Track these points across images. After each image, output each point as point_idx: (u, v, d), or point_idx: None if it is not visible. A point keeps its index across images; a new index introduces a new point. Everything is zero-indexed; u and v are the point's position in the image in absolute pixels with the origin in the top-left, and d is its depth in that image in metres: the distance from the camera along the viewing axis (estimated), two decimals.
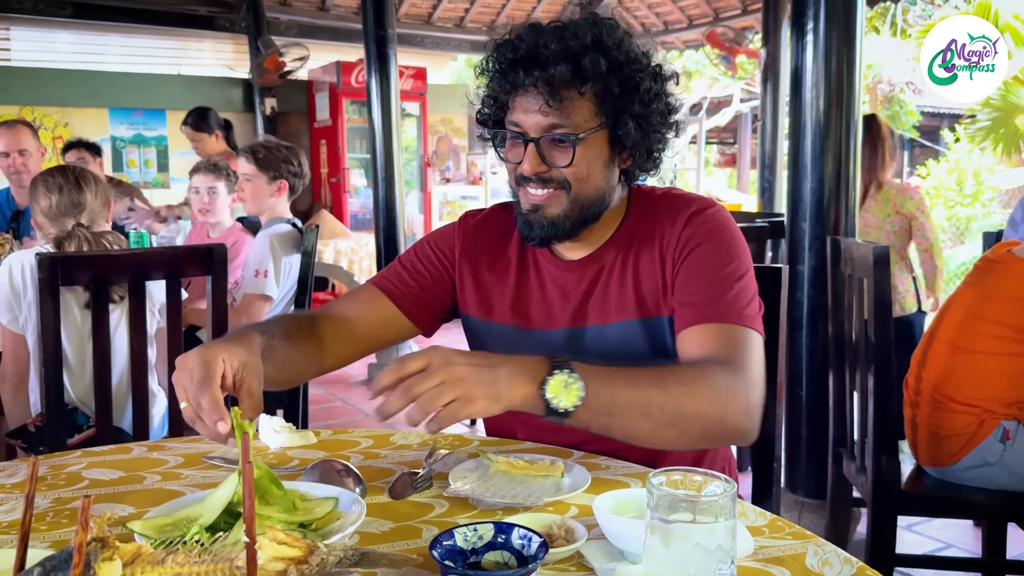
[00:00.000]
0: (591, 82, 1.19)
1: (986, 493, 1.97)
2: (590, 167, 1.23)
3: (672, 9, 8.52)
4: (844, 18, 2.67)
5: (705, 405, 1.07)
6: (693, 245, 1.24)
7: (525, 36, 1.22)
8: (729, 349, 1.14)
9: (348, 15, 7.93)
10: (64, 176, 2.26)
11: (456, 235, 1.40)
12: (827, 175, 2.72)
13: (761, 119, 6.41)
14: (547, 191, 1.23)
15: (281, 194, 2.99)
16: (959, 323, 2.02)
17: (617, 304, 1.28)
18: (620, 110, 1.21)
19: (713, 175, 15.95)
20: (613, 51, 1.20)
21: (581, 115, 1.20)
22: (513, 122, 1.23)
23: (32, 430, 2.15)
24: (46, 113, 6.85)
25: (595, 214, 1.27)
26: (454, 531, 0.84)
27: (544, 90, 1.18)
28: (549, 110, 1.19)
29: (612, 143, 1.24)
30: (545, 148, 1.21)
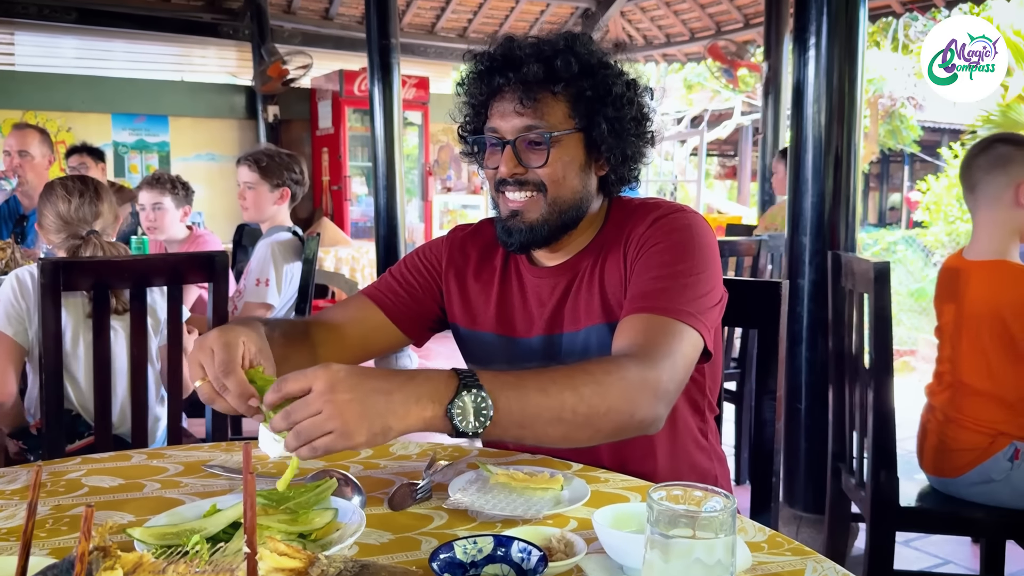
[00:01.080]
0: (564, 82, 1.22)
1: (986, 510, 1.97)
2: (566, 169, 1.26)
3: (674, 22, 8.56)
4: (846, 33, 2.69)
5: (616, 401, 1.04)
6: (651, 244, 1.25)
7: (500, 44, 1.27)
8: (649, 340, 1.13)
9: (352, 24, 7.97)
10: (84, 183, 2.27)
11: (444, 247, 1.44)
12: (827, 190, 2.73)
13: (762, 132, 6.43)
14: (525, 194, 1.26)
15: (283, 202, 3.00)
16: (951, 347, 2.02)
17: (586, 310, 1.30)
18: (593, 112, 1.25)
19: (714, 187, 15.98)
20: (585, 55, 1.24)
21: (555, 116, 1.24)
22: (491, 128, 1.27)
23: (34, 432, 2.15)
24: (49, 118, 6.87)
25: (573, 219, 1.29)
26: (453, 543, 0.84)
27: (518, 90, 1.22)
28: (524, 110, 1.22)
29: (588, 148, 1.27)
30: (521, 150, 1.24)
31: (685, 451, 1.35)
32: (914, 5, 6.74)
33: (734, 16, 8.02)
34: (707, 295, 1.21)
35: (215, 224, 6.80)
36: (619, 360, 1.09)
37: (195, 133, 7.60)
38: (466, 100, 1.32)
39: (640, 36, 9.05)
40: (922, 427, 2.11)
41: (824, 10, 2.67)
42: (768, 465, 1.52)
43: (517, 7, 8.42)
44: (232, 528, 0.90)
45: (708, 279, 1.22)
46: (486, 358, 1.39)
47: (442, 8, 8.31)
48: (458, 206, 8.60)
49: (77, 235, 2.22)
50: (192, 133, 7.59)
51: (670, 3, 8.31)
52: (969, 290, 1.99)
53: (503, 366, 1.33)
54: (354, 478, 1.09)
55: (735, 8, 7.95)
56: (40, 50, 7.45)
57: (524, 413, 0.99)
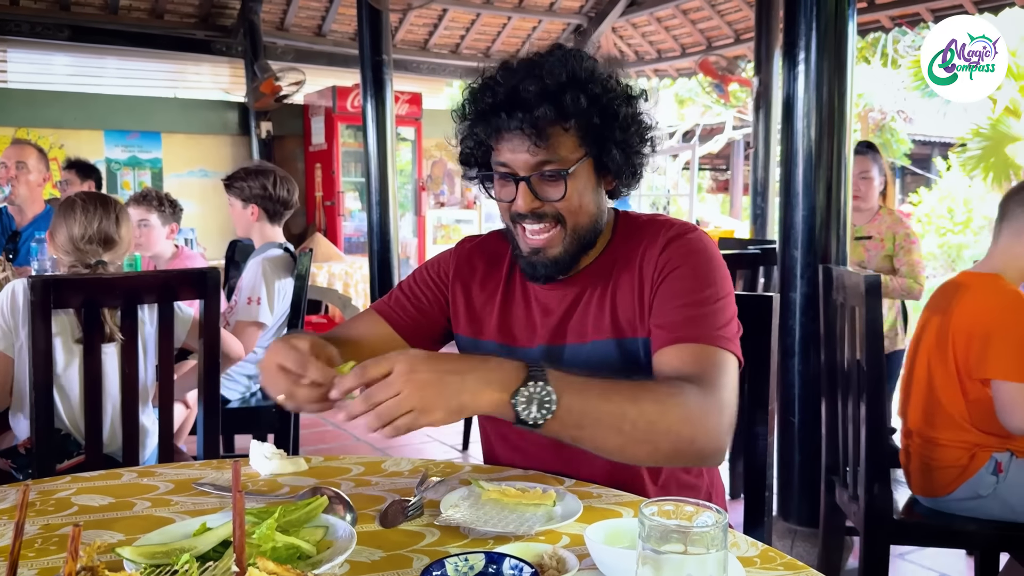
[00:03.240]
0: (574, 118, 1.21)
1: (979, 523, 1.97)
2: (581, 197, 1.26)
3: (666, 38, 8.61)
4: (835, 48, 2.71)
5: (676, 424, 1.07)
6: (671, 268, 1.25)
7: (502, 79, 1.23)
8: (702, 369, 1.15)
9: (344, 40, 7.99)
10: (105, 209, 2.20)
11: (452, 259, 1.45)
12: (819, 203, 2.74)
13: (753, 146, 6.46)
14: (544, 228, 1.25)
15: (255, 218, 2.97)
16: (928, 355, 2.03)
17: (595, 324, 1.30)
18: (603, 138, 1.24)
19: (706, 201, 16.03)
20: (589, 84, 1.22)
21: (566, 149, 1.23)
22: (501, 162, 1.25)
23: (23, 452, 2.13)
24: (42, 135, 6.86)
25: (591, 240, 1.30)
26: (445, 561, 0.84)
27: (530, 132, 1.20)
28: (536, 149, 1.21)
29: (597, 169, 1.27)
30: (536, 184, 1.23)
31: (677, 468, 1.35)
32: (903, 20, 6.79)
33: (724, 32, 8.08)
34: (734, 318, 1.24)
35: (208, 240, 6.79)
36: (680, 384, 1.11)
37: (188, 150, 7.60)
38: (469, 133, 1.30)
39: (632, 52, 9.10)
40: (903, 451, 2.12)
41: (813, 25, 2.69)
42: (761, 479, 1.52)
43: (509, 24, 8.46)
44: (222, 547, 0.89)
45: (731, 302, 1.25)
46: None
47: (435, 25, 8.35)
48: (452, 221, 8.60)
49: (85, 263, 2.17)
50: (185, 150, 7.59)
51: (661, 19, 8.36)
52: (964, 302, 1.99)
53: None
54: (345, 495, 1.09)
55: (725, 24, 8.00)
56: (33, 67, 7.45)
57: (584, 413, 1.03)
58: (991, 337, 1.89)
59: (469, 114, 1.29)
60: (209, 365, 2.09)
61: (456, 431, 4.28)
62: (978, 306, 1.94)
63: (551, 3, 8.30)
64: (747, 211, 8.66)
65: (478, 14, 8.27)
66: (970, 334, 1.92)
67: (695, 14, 8.09)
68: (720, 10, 7.91)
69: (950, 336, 1.96)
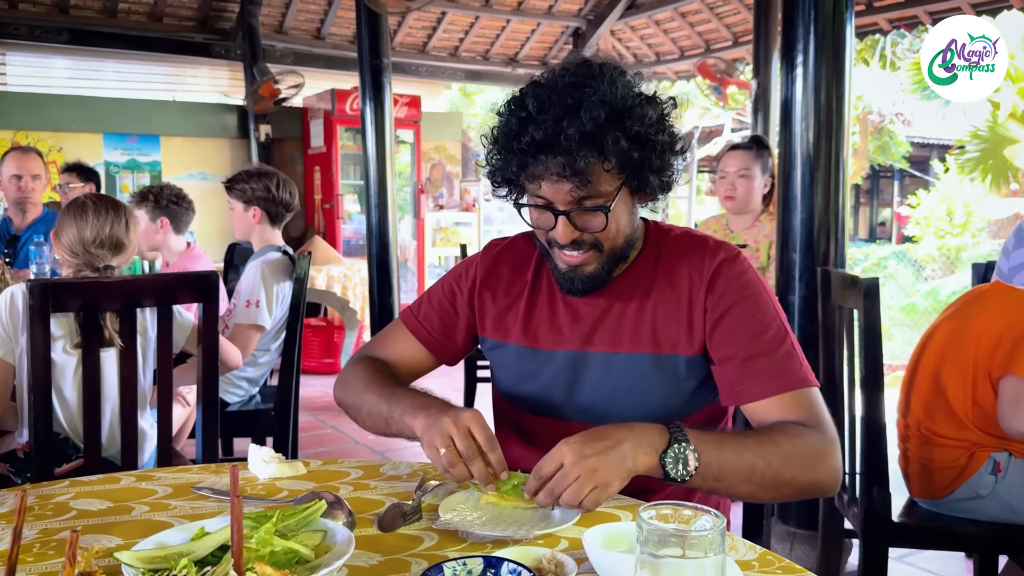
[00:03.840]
0: (615, 157, 1.20)
1: (978, 525, 1.97)
2: (620, 224, 1.28)
3: (664, 40, 8.62)
4: (833, 51, 2.71)
5: (800, 472, 1.18)
6: (730, 302, 1.28)
7: (538, 115, 1.19)
8: (809, 414, 1.23)
9: (343, 44, 8.00)
10: (116, 212, 2.19)
11: (480, 263, 1.46)
12: (817, 206, 2.75)
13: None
14: (582, 254, 1.27)
15: (257, 221, 2.97)
16: (938, 354, 2.03)
17: (631, 335, 1.31)
18: (639, 168, 1.24)
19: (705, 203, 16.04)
20: (628, 120, 1.20)
21: (606, 183, 1.23)
22: (539, 195, 1.25)
23: (21, 456, 2.13)
24: (40, 138, 6.86)
25: (627, 255, 1.33)
26: (443, 565, 0.84)
27: (571, 177, 1.19)
28: (578, 190, 1.21)
29: (633, 192, 1.28)
30: (576, 217, 1.24)
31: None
32: (901, 23, 6.80)
33: (723, 34, 8.09)
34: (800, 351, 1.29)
35: (207, 243, 6.78)
36: (801, 432, 1.20)
37: (187, 153, 7.60)
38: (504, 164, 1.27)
39: (630, 55, 9.10)
40: (902, 454, 2.11)
41: (811, 28, 2.69)
42: None
43: (508, 27, 8.47)
44: (220, 551, 0.89)
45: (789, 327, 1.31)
46: (509, 368, 1.42)
47: (433, 28, 8.35)
48: (451, 223, 8.60)
49: (93, 266, 2.16)
50: (184, 153, 7.59)
51: (660, 22, 8.37)
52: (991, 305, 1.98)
53: (526, 377, 1.34)
54: (344, 499, 1.09)
55: (724, 27, 8.01)
56: (31, 70, 7.45)
57: (721, 469, 1.13)
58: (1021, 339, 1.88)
59: (502, 145, 1.26)
60: (208, 369, 2.08)
61: None
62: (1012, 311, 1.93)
63: (550, 6, 8.30)
64: None
65: (477, 17, 8.27)
66: (1001, 334, 1.90)
67: (693, 17, 8.10)
68: (718, 13, 7.92)
69: (974, 337, 1.94)
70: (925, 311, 7.95)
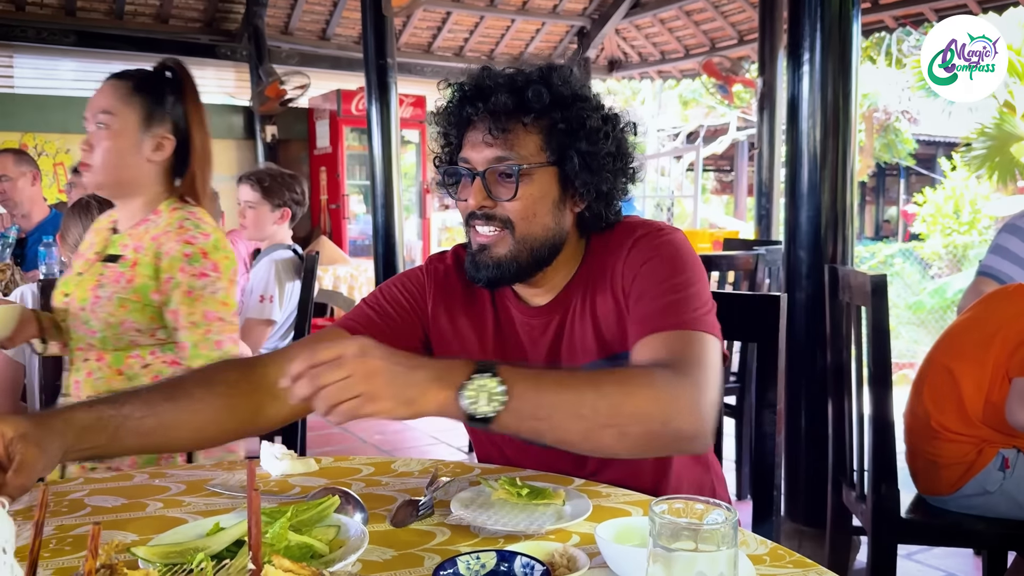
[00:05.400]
0: (534, 113, 1.19)
1: (986, 522, 1.97)
2: (536, 205, 1.22)
3: (669, 39, 8.62)
4: (840, 49, 2.71)
5: (644, 404, 1.02)
6: (640, 264, 1.22)
7: (473, 74, 1.24)
8: (677, 352, 1.10)
9: (349, 44, 8.02)
10: None
11: (427, 282, 1.37)
12: (824, 204, 2.75)
13: (758, 147, 6.47)
14: (492, 229, 1.22)
15: (283, 222, 3.02)
16: (956, 349, 2.03)
17: (582, 347, 1.26)
18: (567, 145, 1.21)
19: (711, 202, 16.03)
20: (559, 85, 1.20)
21: (527, 148, 1.20)
22: (463, 158, 1.24)
23: None
24: (48, 140, 6.90)
25: (544, 257, 1.25)
26: (457, 559, 0.85)
27: (487, 120, 1.19)
28: (493, 140, 1.19)
29: (562, 184, 1.23)
30: (491, 182, 1.21)
31: (681, 464, 1.34)
32: (907, 20, 6.79)
33: (728, 32, 8.08)
34: (709, 304, 1.19)
35: None
36: (648, 367, 1.07)
37: None
38: (440, 130, 1.30)
39: (635, 53, 9.11)
40: (909, 451, 2.11)
41: (818, 26, 2.69)
42: (769, 479, 1.52)
43: (513, 26, 8.48)
44: (235, 546, 0.90)
45: (705, 290, 1.21)
46: None
47: (439, 28, 8.37)
48: (456, 223, 8.62)
49: None
50: None
51: (664, 20, 8.38)
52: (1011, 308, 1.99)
53: None
54: (356, 495, 1.09)
55: (729, 25, 8.01)
56: (39, 72, 7.48)
57: (539, 403, 0.99)
58: None
59: (440, 110, 1.29)
60: None
61: (463, 433, 4.28)
62: None
63: (554, 5, 8.31)
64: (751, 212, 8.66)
65: (482, 17, 8.29)
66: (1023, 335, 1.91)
67: (698, 15, 8.10)
68: (724, 11, 7.92)
69: (997, 337, 1.94)
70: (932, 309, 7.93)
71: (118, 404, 1.13)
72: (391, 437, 4.50)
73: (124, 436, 1.10)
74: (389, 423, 4.73)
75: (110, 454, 1.16)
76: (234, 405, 1.20)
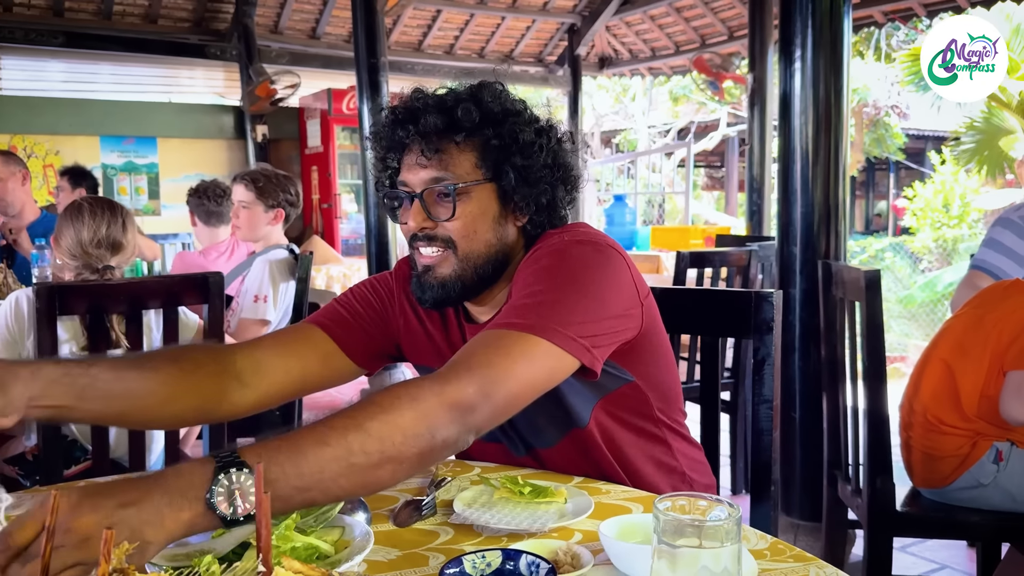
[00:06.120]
0: (466, 132, 1.19)
1: (981, 514, 1.99)
2: (476, 223, 1.22)
3: (659, 36, 8.63)
4: (831, 45, 2.73)
5: (411, 425, 0.93)
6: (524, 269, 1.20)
7: (405, 98, 1.24)
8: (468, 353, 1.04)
9: (339, 43, 8.00)
10: (112, 212, 2.21)
11: (395, 285, 1.38)
12: (816, 200, 2.77)
13: (749, 143, 6.49)
14: (434, 250, 1.22)
15: (277, 222, 3.01)
16: (954, 343, 2.05)
17: None
18: (501, 161, 1.21)
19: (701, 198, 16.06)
20: (489, 102, 1.20)
21: (462, 167, 1.20)
22: (401, 181, 1.24)
23: (30, 458, 2.14)
24: (37, 141, 6.87)
25: (489, 273, 1.24)
26: (463, 558, 0.85)
27: (421, 142, 1.19)
28: (427, 162, 1.19)
29: (502, 199, 1.23)
30: (429, 203, 1.21)
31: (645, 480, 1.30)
32: (896, 15, 6.82)
33: (718, 29, 8.10)
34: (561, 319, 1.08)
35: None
36: (412, 383, 0.98)
37: (184, 154, 7.61)
38: (378, 155, 1.29)
39: (626, 50, 9.12)
40: (904, 444, 2.13)
41: (809, 23, 2.71)
42: (767, 474, 1.53)
43: (503, 24, 8.48)
44: (240, 548, 0.90)
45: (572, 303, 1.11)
46: None
47: (428, 26, 8.36)
48: None
49: (92, 267, 2.17)
50: (181, 154, 7.60)
51: (655, 17, 8.38)
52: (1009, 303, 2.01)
53: None
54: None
55: (719, 21, 8.03)
56: (27, 74, 7.45)
57: (302, 473, 0.86)
58: None
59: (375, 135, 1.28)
60: None
61: None
62: None
63: (544, 2, 8.31)
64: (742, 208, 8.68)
65: (472, 15, 8.28)
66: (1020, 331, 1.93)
67: (688, 12, 8.11)
68: (713, 7, 7.93)
69: (994, 332, 1.96)
70: (923, 303, 7.97)
71: (87, 365, 1.12)
72: None
73: (90, 398, 1.08)
74: None
75: (73, 417, 1.12)
76: (199, 384, 1.19)
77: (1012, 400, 1.90)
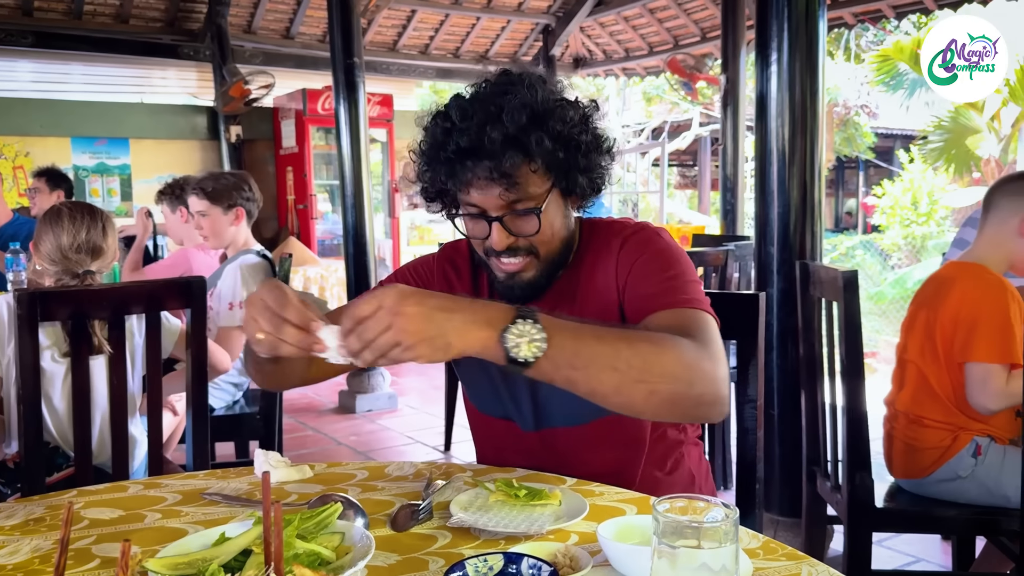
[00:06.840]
0: (540, 157, 1.22)
1: (958, 508, 2.03)
2: (554, 226, 1.28)
3: (633, 36, 8.68)
4: (806, 47, 2.77)
5: (672, 365, 1.06)
6: (635, 258, 1.28)
7: (461, 123, 1.21)
8: (690, 327, 1.15)
9: (313, 43, 7.96)
10: (92, 217, 2.19)
11: (436, 266, 1.44)
12: (793, 200, 2.80)
13: (722, 143, 6.55)
14: (519, 260, 1.27)
15: (239, 222, 2.97)
16: (920, 344, 2.10)
17: None
18: (567, 167, 1.25)
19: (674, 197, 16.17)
20: (550, 121, 1.22)
21: (535, 185, 1.23)
22: (471, 203, 1.25)
23: (11, 466, 2.12)
24: (6, 143, 6.77)
25: (565, 260, 1.33)
26: (465, 562, 0.86)
27: (499, 180, 1.20)
28: (507, 194, 1.22)
29: (564, 194, 1.29)
30: (510, 222, 1.24)
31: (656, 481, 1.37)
32: (865, 16, 6.91)
33: (691, 30, 8.16)
34: (703, 295, 1.25)
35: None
36: (674, 335, 1.10)
37: (156, 155, 7.53)
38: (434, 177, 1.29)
39: (600, 51, 9.16)
40: (887, 435, 2.18)
41: (785, 26, 2.75)
42: (751, 473, 1.56)
43: (478, 24, 8.48)
44: (243, 556, 0.91)
45: (697, 282, 1.28)
46: (478, 376, 1.41)
47: (403, 26, 8.34)
48: (425, 222, 8.61)
49: (72, 272, 2.15)
50: (154, 155, 7.52)
51: (628, 18, 8.43)
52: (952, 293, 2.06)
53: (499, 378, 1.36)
54: (356, 501, 1.11)
55: (692, 22, 8.09)
56: None
57: (577, 353, 1.02)
58: (977, 324, 1.96)
59: (430, 156, 1.27)
60: (197, 375, 2.09)
61: (438, 432, 4.29)
62: (965, 296, 2.01)
63: (519, 3, 8.33)
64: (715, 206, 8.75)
65: (447, 15, 8.27)
66: (956, 322, 2.00)
67: (662, 13, 8.17)
68: (686, 9, 7.99)
69: (938, 325, 2.03)
70: (893, 299, 8.09)
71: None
72: (366, 438, 4.50)
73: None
74: (364, 424, 4.73)
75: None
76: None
77: (975, 391, 1.97)
